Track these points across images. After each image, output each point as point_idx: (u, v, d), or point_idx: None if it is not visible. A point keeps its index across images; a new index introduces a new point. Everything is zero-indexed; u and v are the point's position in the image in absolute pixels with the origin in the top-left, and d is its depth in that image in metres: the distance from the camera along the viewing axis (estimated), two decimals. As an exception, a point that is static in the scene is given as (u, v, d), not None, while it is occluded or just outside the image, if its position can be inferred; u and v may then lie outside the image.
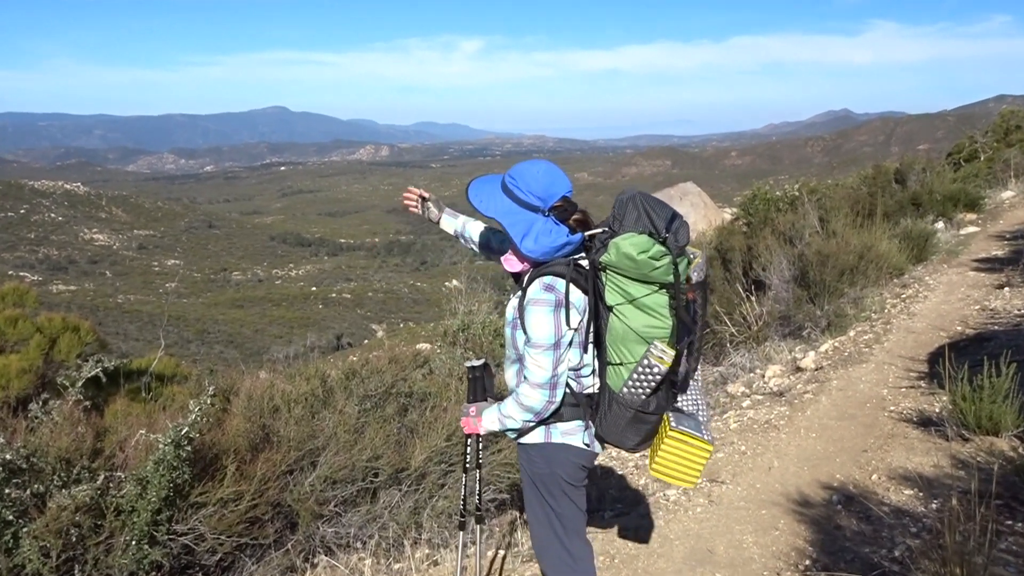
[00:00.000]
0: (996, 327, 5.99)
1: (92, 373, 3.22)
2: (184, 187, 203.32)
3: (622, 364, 2.13)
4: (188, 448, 2.74)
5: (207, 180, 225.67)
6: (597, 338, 2.17)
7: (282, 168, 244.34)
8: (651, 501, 3.97)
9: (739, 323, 7.40)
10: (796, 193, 12.76)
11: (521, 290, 2.22)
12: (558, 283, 2.13)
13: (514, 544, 3.57)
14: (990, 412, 3.77)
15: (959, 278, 8.19)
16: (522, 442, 2.33)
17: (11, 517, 2.49)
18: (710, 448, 2.18)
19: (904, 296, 7.68)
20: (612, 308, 2.12)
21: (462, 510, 2.78)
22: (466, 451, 2.75)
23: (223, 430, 3.23)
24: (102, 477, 2.66)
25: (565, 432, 2.25)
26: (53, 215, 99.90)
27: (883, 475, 3.75)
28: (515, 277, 2.35)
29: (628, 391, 2.13)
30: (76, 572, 2.60)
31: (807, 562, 3.10)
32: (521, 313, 2.18)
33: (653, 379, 2.10)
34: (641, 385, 2.11)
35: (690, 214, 17.72)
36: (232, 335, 57.14)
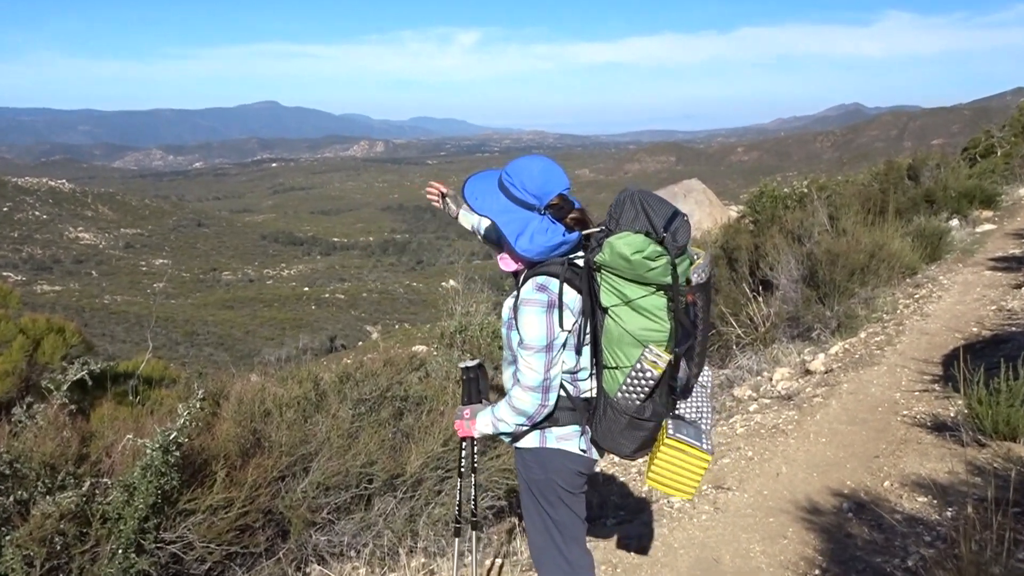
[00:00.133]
0: (1014, 328, 5.99)
1: (78, 376, 3.22)
2: (172, 184, 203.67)
3: (618, 368, 2.13)
4: (176, 453, 2.74)
5: (196, 177, 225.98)
6: (593, 340, 2.17)
7: (273, 165, 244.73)
8: (655, 508, 3.98)
9: (746, 324, 7.39)
10: (805, 190, 12.76)
11: (516, 290, 2.23)
12: (551, 283, 2.13)
13: (512, 553, 3.57)
14: (1007, 416, 3.76)
15: (975, 277, 8.20)
16: (518, 446, 2.34)
17: (-7, 525, 2.49)
18: (708, 458, 2.16)
19: (917, 296, 7.69)
20: (607, 310, 2.12)
21: (457, 516, 2.78)
22: (461, 455, 2.75)
23: (213, 435, 3.23)
24: (88, 483, 2.66)
25: (560, 437, 2.25)
26: (37, 213, 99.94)
27: (896, 482, 3.75)
28: (515, 276, 2.36)
29: (622, 396, 2.13)
30: (60, 582, 2.60)
31: (816, 572, 3.10)
32: (516, 313, 2.19)
33: (646, 384, 2.10)
34: (635, 390, 2.11)
35: (695, 212, 17.73)
36: (222, 337, 57.21)
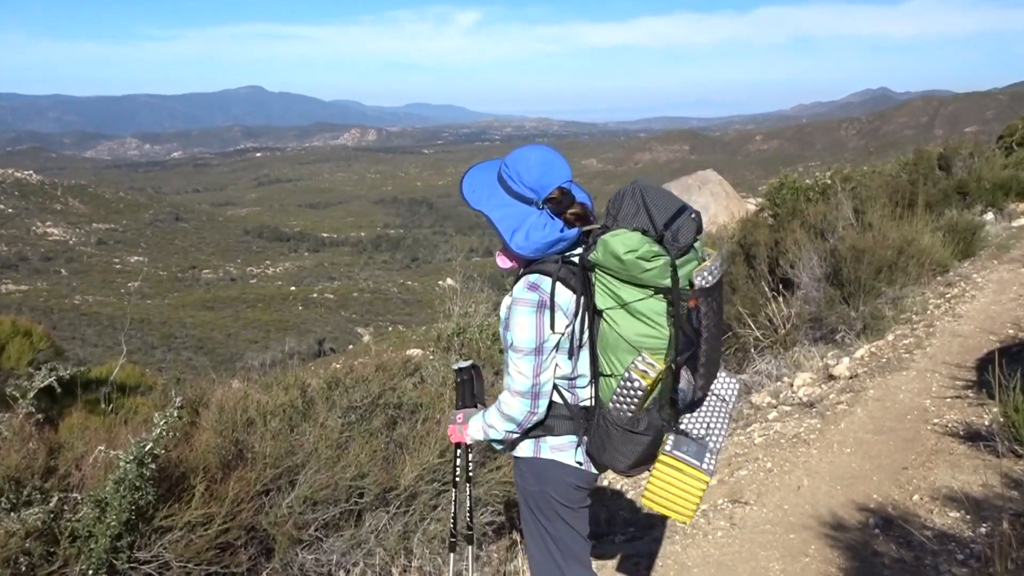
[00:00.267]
0: (1052, 330, 5.99)
1: (45, 383, 3.22)
2: (149, 175, 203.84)
3: (612, 375, 2.11)
4: (152, 466, 2.73)
5: (174, 168, 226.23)
6: (591, 345, 2.16)
7: (258, 154, 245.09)
8: (667, 524, 3.97)
9: (764, 326, 7.39)
10: (828, 181, 12.75)
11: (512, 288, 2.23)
12: (543, 282, 2.12)
13: (514, 573, 3.56)
14: (1045, 425, 3.76)
15: (1011, 275, 8.18)
16: (515, 455, 2.34)
17: (-46, 543, 2.48)
18: (707, 480, 2.14)
19: (949, 296, 7.67)
20: (602, 312, 2.10)
21: (452, 530, 2.77)
22: (455, 462, 2.74)
23: (191, 446, 3.23)
24: (56, 499, 2.66)
25: (555, 447, 2.25)
26: (1, 207, 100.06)
27: (926, 495, 3.74)
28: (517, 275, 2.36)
29: (614, 407, 2.10)
30: (27, 604, 2.60)
31: (841, 592, 3.10)
32: (508, 313, 2.18)
33: (633, 395, 2.06)
34: (623, 401, 2.08)
35: (710, 205, 17.73)
36: (202, 340, 57.26)
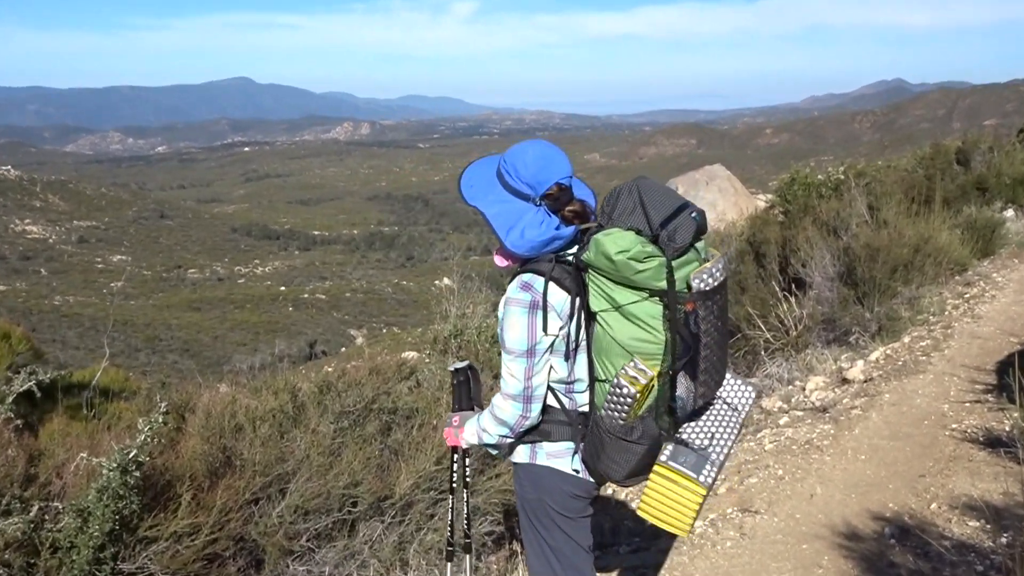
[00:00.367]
0: (1075, 331, 5.99)
1: (24, 387, 3.22)
2: (132, 171, 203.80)
3: (606, 380, 2.11)
4: (137, 474, 2.73)
5: (159, 163, 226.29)
6: (588, 348, 2.16)
7: (246, 149, 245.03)
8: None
9: (775, 327, 7.39)
10: (841, 177, 12.75)
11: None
12: (536, 281, 2.12)
13: (515, 584, 3.57)
14: (1068, 430, 3.77)
15: (1032, 275, 8.20)
16: (513, 461, 2.36)
17: (-70, 555, 2.49)
18: (703, 492, 2.13)
19: (968, 296, 7.68)
20: (596, 315, 2.10)
21: (448, 538, 2.78)
22: (452, 467, 2.74)
23: (177, 453, 3.23)
24: (36, 508, 2.66)
25: (551, 454, 2.25)
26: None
27: (944, 504, 3.75)
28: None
29: (605, 413, 2.10)
30: (6, 618, 2.60)
31: (855, 605, 3.10)
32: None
33: (623, 402, 2.05)
34: (614, 408, 2.07)
35: (718, 201, 17.73)
36: (188, 342, 57.26)
